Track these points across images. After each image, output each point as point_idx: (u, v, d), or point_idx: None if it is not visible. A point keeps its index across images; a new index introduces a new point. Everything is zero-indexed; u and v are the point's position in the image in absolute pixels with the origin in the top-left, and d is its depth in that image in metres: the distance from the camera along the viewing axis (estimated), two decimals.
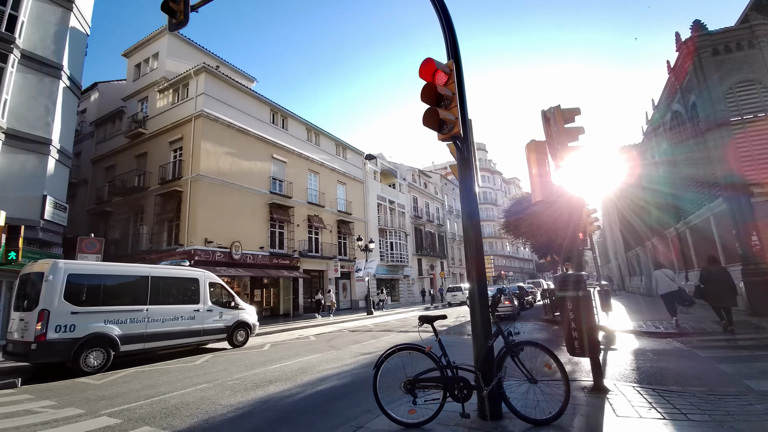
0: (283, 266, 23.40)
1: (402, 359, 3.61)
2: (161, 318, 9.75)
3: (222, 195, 20.18)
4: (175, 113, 21.25)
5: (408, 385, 3.49)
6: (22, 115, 13.30)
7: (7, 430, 4.34)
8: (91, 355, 8.30)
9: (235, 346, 11.65)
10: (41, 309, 7.76)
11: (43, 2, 14.36)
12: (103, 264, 9.65)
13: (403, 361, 3.59)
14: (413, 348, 3.66)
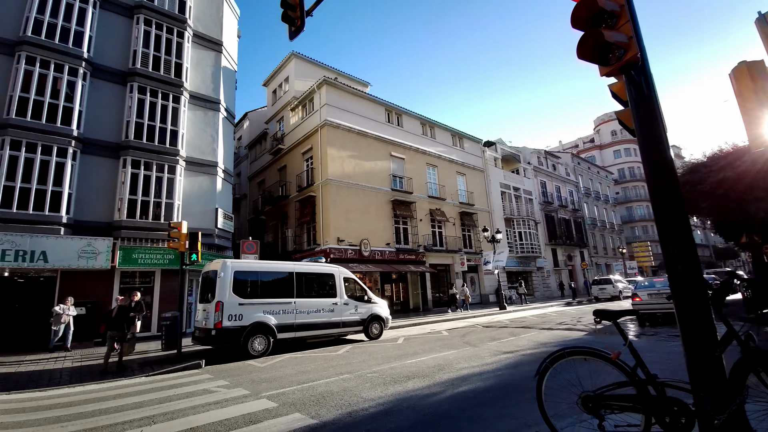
0: (410, 261, 23.73)
1: (574, 366, 2.81)
2: (306, 310, 10.68)
3: (349, 196, 21.52)
4: (305, 126, 23.59)
5: (588, 403, 2.67)
6: (195, 144, 16.47)
7: (186, 409, 5.09)
8: (255, 341, 9.54)
9: (371, 338, 12.06)
10: (217, 301, 9.23)
11: (200, 49, 17.54)
12: (259, 262, 11.09)
13: (576, 368, 2.79)
14: (591, 353, 2.81)
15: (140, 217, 14.12)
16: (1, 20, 12.83)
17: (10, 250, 11.40)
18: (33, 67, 12.88)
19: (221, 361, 9.24)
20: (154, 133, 15.05)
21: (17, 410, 5.29)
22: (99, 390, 6.67)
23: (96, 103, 14.24)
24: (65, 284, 12.59)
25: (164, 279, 14.55)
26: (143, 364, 8.93)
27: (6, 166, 11.92)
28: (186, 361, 8.75)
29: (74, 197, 13.09)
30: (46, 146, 12.69)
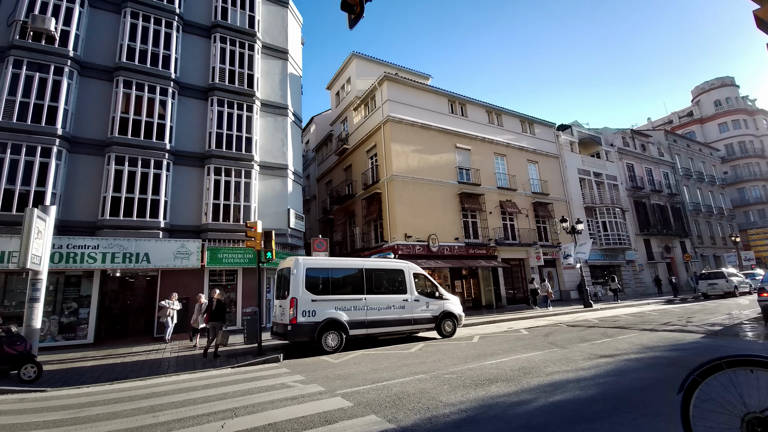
0: (480, 256, 22.68)
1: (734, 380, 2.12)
2: (377, 307, 10.56)
3: (414, 191, 21.17)
4: (368, 125, 23.74)
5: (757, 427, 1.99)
6: (267, 149, 17.40)
7: (265, 403, 5.13)
8: (328, 337, 9.65)
9: (444, 336, 11.59)
10: (291, 297, 9.49)
11: (268, 59, 18.47)
12: (329, 258, 11.25)
13: (738, 383, 2.10)
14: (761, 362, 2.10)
15: (223, 220, 15.26)
16: (99, 50, 14.67)
17: (119, 253, 13.00)
18: (130, 89, 14.56)
19: (297, 355, 9.49)
20: (232, 141, 16.17)
21: (116, 400, 5.81)
22: (190, 380, 7.16)
23: (183, 117, 15.69)
24: (165, 282, 14.04)
25: (245, 277, 15.56)
26: (229, 355, 9.51)
27: (113, 179, 13.61)
28: (266, 355, 9.12)
29: (169, 204, 14.54)
30: (145, 160, 14.26)
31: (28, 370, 7.13)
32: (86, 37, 14.47)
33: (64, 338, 12.34)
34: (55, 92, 13.25)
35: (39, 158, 12.61)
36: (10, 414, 5.11)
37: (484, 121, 26.47)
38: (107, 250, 12.86)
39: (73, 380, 7.42)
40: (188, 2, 16.96)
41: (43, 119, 12.89)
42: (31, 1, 13.40)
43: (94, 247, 12.71)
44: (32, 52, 13.08)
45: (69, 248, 12.38)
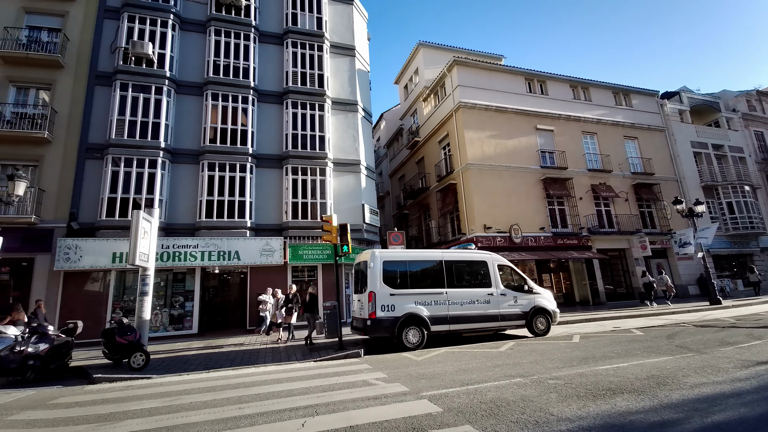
0: (571, 246, 20.40)
1: None
2: (460, 301, 9.81)
3: (492, 179, 19.79)
4: (438, 114, 22.86)
5: None
6: (339, 146, 17.60)
7: (346, 402, 4.79)
8: (409, 332, 9.18)
9: (536, 334, 10.40)
10: (369, 291, 9.22)
11: (336, 57, 18.69)
12: (406, 251, 10.79)
13: None
14: None
15: (302, 218, 15.77)
16: (190, 68, 16.12)
17: (214, 252, 14.10)
18: (216, 101, 15.76)
19: (378, 351, 9.19)
20: (306, 140, 16.64)
21: (208, 389, 5.99)
22: (275, 372, 7.23)
23: (262, 122, 16.58)
24: (253, 278, 14.93)
25: (325, 272, 15.90)
26: (312, 349, 9.59)
27: (206, 184, 14.83)
28: (346, 350, 8.98)
29: (254, 204, 15.44)
30: (231, 164, 15.32)
31: (137, 359, 7.85)
32: (179, 57, 16.01)
33: (174, 329, 13.77)
34: (157, 110, 14.84)
35: (147, 169, 14.22)
36: (112, 402, 5.51)
37: (568, 97, 23.81)
38: (204, 248, 14.04)
39: (176, 368, 8.01)
40: (262, 14, 17.88)
41: (149, 134, 14.52)
42: (130, 29, 15.18)
43: (194, 247, 13.96)
44: (135, 75, 14.80)
45: (174, 248, 13.76)
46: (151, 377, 7.28)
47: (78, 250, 12.91)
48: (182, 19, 16.41)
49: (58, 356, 7.84)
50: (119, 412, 4.86)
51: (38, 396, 6.15)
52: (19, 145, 13.50)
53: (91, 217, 13.66)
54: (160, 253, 13.52)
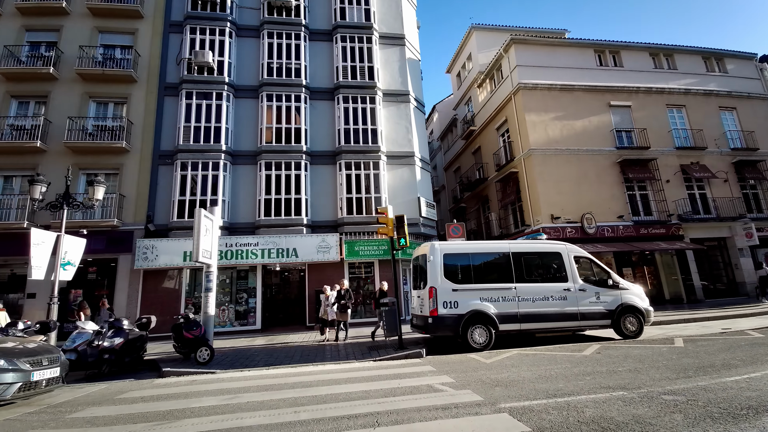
0: (657, 236, 17.94)
1: None
2: (531, 297, 8.78)
3: (559, 165, 18.03)
4: (495, 99, 21.42)
5: None
6: (392, 138, 17.09)
7: (410, 410, 4.19)
8: (475, 331, 8.38)
9: (626, 336, 9.01)
10: (430, 286, 8.56)
11: (386, 48, 18.20)
12: (468, 242, 9.94)
13: None
14: None
15: (356, 213, 15.52)
16: (246, 72, 16.61)
17: (273, 249, 14.35)
18: (271, 102, 16.06)
19: (441, 351, 8.51)
20: (359, 134, 16.37)
21: (266, 387, 5.79)
22: (334, 371, 6.88)
23: (315, 119, 16.63)
24: (311, 275, 14.98)
25: (382, 268, 15.50)
26: (371, 347, 9.17)
27: (264, 183, 15.15)
28: (407, 349, 8.42)
29: (309, 202, 15.50)
30: (287, 163, 15.52)
31: (203, 353, 7.98)
32: (236, 63, 16.57)
33: (240, 324, 14.24)
34: (218, 114, 15.47)
35: (211, 171, 14.87)
36: (174, 398, 5.48)
37: (648, 66, 21.03)
38: (264, 246, 14.34)
39: (239, 363, 8.03)
40: (312, 12, 17.95)
41: (211, 138, 15.17)
42: (192, 40, 15.98)
43: (254, 245, 14.33)
44: (198, 83, 15.55)
45: (236, 246, 14.22)
46: (215, 372, 7.31)
47: (154, 249, 13.83)
48: (238, 26, 16.97)
49: (132, 350, 8.23)
50: (178, 410, 4.76)
51: (108, 390, 6.38)
52: (101, 155, 14.80)
53: (165, 218, 14.58)
54: (224, 252, 14.07)
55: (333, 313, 10.61)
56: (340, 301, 10.54)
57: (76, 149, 14.59)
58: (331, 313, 10.66)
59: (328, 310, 10.77)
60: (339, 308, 10.50)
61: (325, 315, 10.98)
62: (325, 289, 11.33)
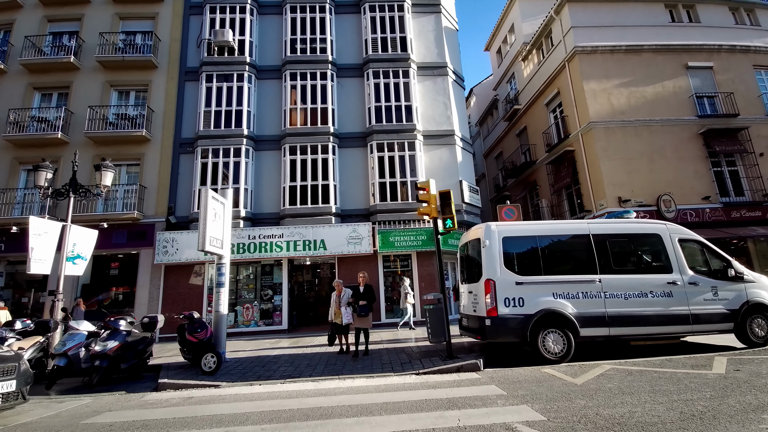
0: (751, 220, 14.84)
1: None
2: (622, 293, 6.66)
3: (626, 139, 15.35)
4: (544, 71, 18.92)
5: None
6: (429, 116, 15.22)
7: None
8: (548, 337, 6.41)
9: (753, 343, 6.68)
10: (486, 279, 6.67)
11: (419, 16, 16.33)
12: (535, 223, 7.89)
13: None
14: None
15: (391, 200, 13.82)
16: (269, 52, 15.38)
17: (299, 241, 12.96)
18: (295, 81, 14.70)
19: (501, 361, 6.64)
20: (391, 112, 14.66)
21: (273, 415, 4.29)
22: (365, 389, 5.23)
23: (342, 98, 15.10)
24: (342, 270, 13.45)
25: (420, 262, 13.72)
26: (411, 355, 7.42)
27: (288, 169, 13.81)
28: (458, 359, 6.60)
29: (338, 188, 13.99)
30: (313, 146, 14.10)
31: (208, 360, 6.60)
32: (258, 42, 15.38)
33: (265, 324, 12.99)
34: (239, 97, 14.32)
35: (232, 158, 13.73)
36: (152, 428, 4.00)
37: (728, 23, 17.74)
38: (290, 238, 12.99)
39: (252, 372, 6.59)
40: None
41: (233, 123, 14.05)
42: (212, 20, 14.94)
43: (279, 236, 13.01)
44: (218, 65, 14.47)
45: (260, 238, 12.97)
46: (220, 385, 5.88)
47: (174, 243, 12.87)
48: (260, 3, 15.78)
49: (132, 354, 7.01)
50: None
51: (86, 408, 5.10)
52: (123, 146, 14.08)
53: (186, 210, 13.63)
54: (246, 245, 12.87)
55: (348, 315, 7.78)
56: (359, 301, 7.65)
57: (98, 140, 13.96)
58: (347, 315, 7.81)
59: (342, 312, 7.89)
60: (358, 310, 7.56)
61: (337, 318, 8.04)
62: (338, 284, 8.36)
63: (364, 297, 7.73)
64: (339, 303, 8.03)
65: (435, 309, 6.94)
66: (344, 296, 8.01)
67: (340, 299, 8.03)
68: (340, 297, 8.07)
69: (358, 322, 7.64)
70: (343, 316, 7.88)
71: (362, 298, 7.70)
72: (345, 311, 7.87)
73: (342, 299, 7.99)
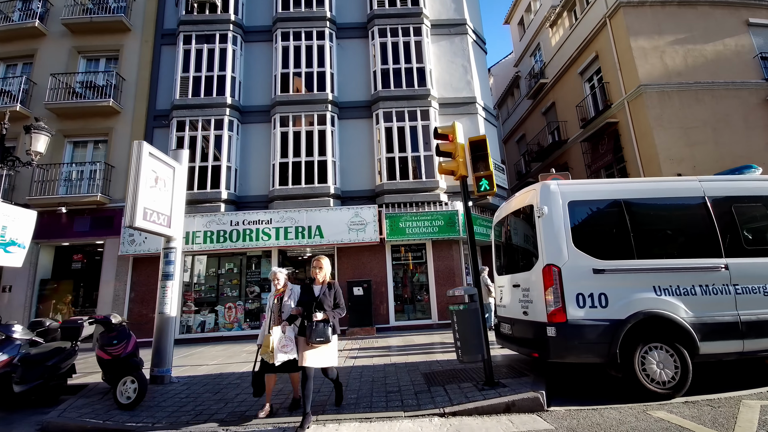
0: None
1: None
2: (761, 286, 4.24)
3: (684, 105, 12.75)
4: (578, 34, 16.34)
5: None
6: (445, 81, 12.88)
7: None
8: (651, 356, 4.04)
9: None
10: (546, 264, 4.31)
11: None
12: (618, 181, 5.38)
13: None
14: None
15: (400, 178, 11.51)
16: (259, 12, 13.23)
17: (291, 227, 10.79)
18: (287, 41, 12.52)
19: (570, 390, 4.29)
20: (401, 76, 12.35)
21: None
22: None
23: (344, 63, 12.88)
24: (342, 263, 11.24)
25: (437, 252, 11.39)
26: (429, 377, 5.11)
27: (279, 143, 11.64)
28: (502, 387, 4.27)
29: (338, 166, 11.78)
30: (308, 116, 11.92)
31: (126, 388, 4.42)
32: (247, 2, 13.26)
33: (251, 326, 10.82)
34: (222, 61, 12.22)
35: (213, 131, 11.64)
36: None
37: None
38: (279, 224, 10.83)
39: (192, 406, 4.40)
40: None
41: (214, 91, 11.95)
42: None
43: (266, 222, 10.86)
44: (198, 24, 12.40)
45: (244, 224, 10.84)
46: None
47: None
48: None
49: (39, 372, 4.87)
50: None
51: None
52: (89, 119, 12.11)
53: None
54: (228, 232, 10.75)
55: (288, 342, 3.99)
56: (311, 312, 3.87)
57: (60, 112, 12.02)
58: (284, 343, 3.98)
59: (274, 337, 3.95)
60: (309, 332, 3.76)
61: (267, 347, 3.99)
62: (274, 275, 4.43)
63: (317, 306, 3.91)
64: (279, 315, 4.14)
65: (467, 311, 4.58)
66: (290, 300, 4.22)
67: (282, 306, 4.19)
68: (282, 302, 4.22)
69: (310, 356, 3.75)
70: (276, 343, 3.91)
71: (317, 307, 3.90)
72: (281, 337, 3.95)
73: (284, 308, 4.17)
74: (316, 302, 3.93)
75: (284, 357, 3.92)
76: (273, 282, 4.42)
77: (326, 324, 3.81)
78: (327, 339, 3.74)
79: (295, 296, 4.23)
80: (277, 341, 3.92)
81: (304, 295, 4.08)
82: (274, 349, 3.90)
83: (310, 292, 4.07)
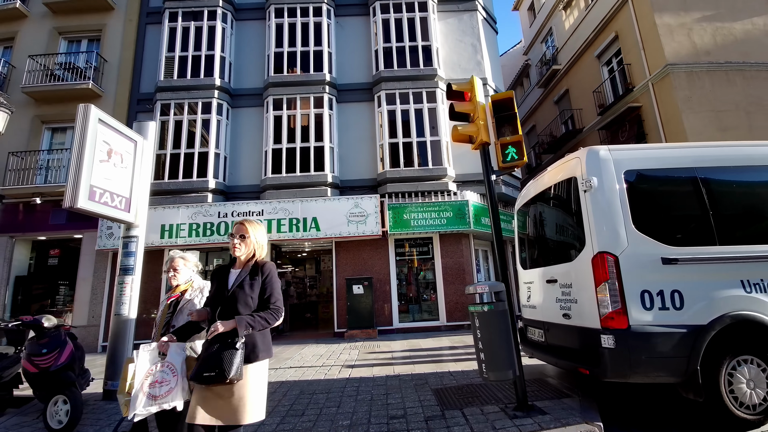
0: None
1: None
2: None
3: (715, 86, 11.65)
4: (595, 14, 15.25)
5: None
6: (453, 60, 11.87)
7: None
8: (740, 373, 3.01)
9: None
10: (598, 251, 3.28)
11: None
12: (690, 145, 4.20)
13: None
14: None
15: (404, 166, 10.51)
16: None
17: (284, 219, 9.81)
18: (281, 18, 11.52)
19: (626, 416, 3.25)
20: (405, 55, 11.32)
21: None
22: None
23: (343, 42, 11.89)
24: (341, 258, 10.24)
25: (444, 247, 10.36)
26: (443, 397, 4.10)
27: (272, 128, 10.66)
28: (540, 413, 3.24)
29: (336, 152, 10.78)
30: (304, 99, 10.94)
31: (58, 408, 3.44)
32: None
33: None
34: (211, 39, 11.26)
35: (201, 115, 10.68)
36: None
37: None
38: (272, 215, 9.86)
39: None
40: None
41: (202, 71, 10.99)
42: None
43: (258, 213, 9.88)
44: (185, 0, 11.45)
45: (234, 216, 9.86)
46: None
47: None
48: None
49: None
50: None
51: None
52: (69, 104, 11.15)
53: None
54: (215, 224, 9.79)
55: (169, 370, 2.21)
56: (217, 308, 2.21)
57: (38, 96, 11.14)
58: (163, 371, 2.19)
59: (137, 358, 2.18)
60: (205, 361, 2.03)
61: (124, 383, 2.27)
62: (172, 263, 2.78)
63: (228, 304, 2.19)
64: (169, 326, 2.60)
65: (493, 313, 3.50)
66: (193, 297, 2.71)
67: (177, 312, 2.66)
68: (179, 307, 2.68)
69: (202, 405, 2.06)
70: (139, 376, 2.13)
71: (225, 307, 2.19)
72: (152, 366, 2.19)
73: (180, 312, 2.66)
74: (227, 297, 2.19)
75: (151, 406, 2.07)
76: (168, 275, 2.73)
77: (233, 343, 2.01)
78: (230, 374, 1.94)
79: (202, 287, 2.75)
80: (142, 373, 2.10)
81: (212, 286, 2.35)
82: (131, 389, 2.10)
83: (221, 279, 2.29)
